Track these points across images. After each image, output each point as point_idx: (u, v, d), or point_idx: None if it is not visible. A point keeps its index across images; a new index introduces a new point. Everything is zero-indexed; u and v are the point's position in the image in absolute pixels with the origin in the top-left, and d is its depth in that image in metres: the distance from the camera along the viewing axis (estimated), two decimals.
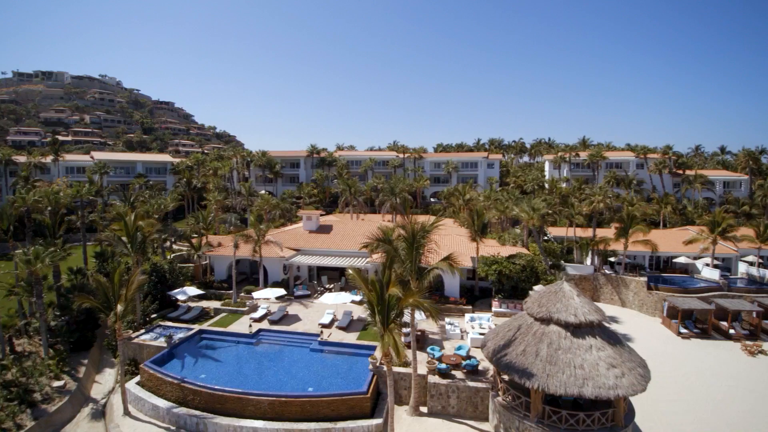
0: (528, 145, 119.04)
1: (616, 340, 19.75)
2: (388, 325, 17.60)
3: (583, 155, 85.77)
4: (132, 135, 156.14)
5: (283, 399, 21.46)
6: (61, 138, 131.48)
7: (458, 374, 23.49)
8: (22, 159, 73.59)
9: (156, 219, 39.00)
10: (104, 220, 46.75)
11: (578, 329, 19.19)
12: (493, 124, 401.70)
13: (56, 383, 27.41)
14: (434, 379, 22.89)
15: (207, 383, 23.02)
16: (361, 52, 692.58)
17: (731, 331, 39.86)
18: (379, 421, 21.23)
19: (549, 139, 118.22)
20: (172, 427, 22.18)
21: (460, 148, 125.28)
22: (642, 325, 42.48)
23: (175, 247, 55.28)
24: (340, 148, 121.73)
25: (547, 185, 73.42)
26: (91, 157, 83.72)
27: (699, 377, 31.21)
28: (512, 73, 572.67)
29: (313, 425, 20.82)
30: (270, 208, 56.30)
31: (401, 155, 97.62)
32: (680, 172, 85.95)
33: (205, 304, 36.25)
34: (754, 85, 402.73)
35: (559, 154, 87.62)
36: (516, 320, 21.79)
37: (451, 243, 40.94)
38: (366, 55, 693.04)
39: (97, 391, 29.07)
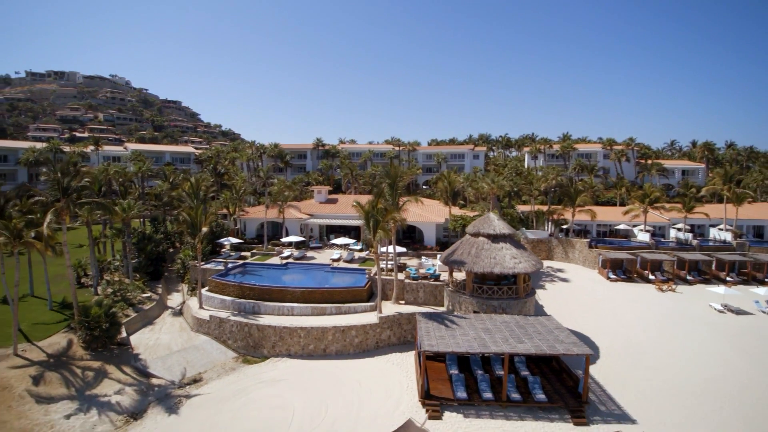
0: (513, 140, 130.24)
1: (521, 246, 31.20)
2: (378, 225, 28.98)
3: (557, 147, 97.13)
4: (144, 132, 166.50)
5: (310, 289, 33.08)
6: (78, 134, 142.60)
7: (426, 282, 34.90)
8: (66, 149, 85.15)
9: None
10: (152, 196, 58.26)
11: (496, 238, 30.67)
12: (483, 121, 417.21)
13: (144, 295, 38.94)
14: (409, 281, 34.37)
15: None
16: (362, 54, 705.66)
17: (651, 276, 51.41)
18: (372, 303, 32.77)
19: (532, 134, 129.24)
20: (235, 312, 33.53)
21: (452, 142, 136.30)
22: (582, 274, 53.99)
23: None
24: (342, 141, 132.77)
25: (525, 172, 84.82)
26: (125, 148, 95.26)
27: (611, 302, 42.70)
28: (505, 74, 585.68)
29: (329, 305, 32.37)
30: (285, 188, 67.54)
31: (397, 148, 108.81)
32: (642, 161, 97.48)
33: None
34: (729, 85, 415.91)
35: (536, 146, 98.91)
36: (461, 240, 33.28)
37: (432, 208, 52.55)
38: (366, 56, 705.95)
39: (171, 304, 40.57)
